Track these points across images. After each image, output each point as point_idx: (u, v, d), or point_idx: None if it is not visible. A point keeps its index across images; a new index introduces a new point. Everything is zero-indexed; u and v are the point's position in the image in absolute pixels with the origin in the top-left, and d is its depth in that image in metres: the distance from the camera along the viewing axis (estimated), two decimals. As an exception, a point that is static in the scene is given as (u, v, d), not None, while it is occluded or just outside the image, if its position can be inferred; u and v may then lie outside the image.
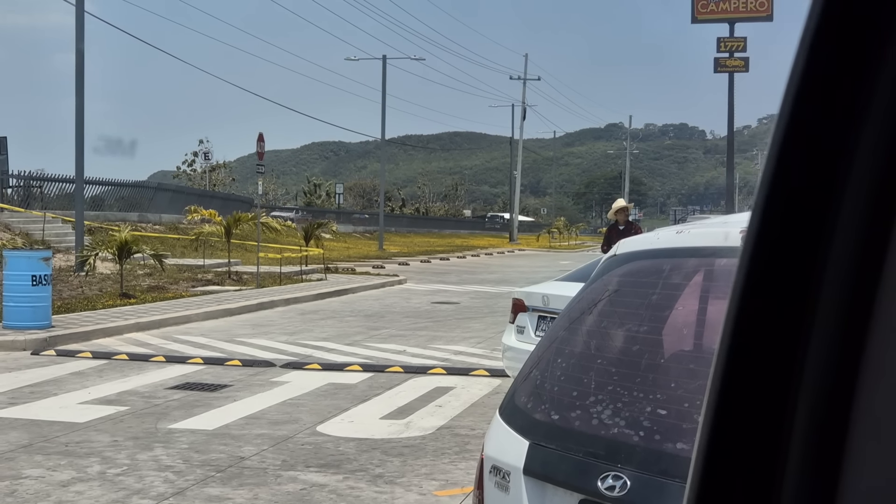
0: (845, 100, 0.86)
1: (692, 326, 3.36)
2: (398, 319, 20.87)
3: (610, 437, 3.05)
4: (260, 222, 29.32)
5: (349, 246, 52.13)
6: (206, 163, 73.96)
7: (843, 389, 0.86)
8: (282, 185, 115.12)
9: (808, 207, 0.88)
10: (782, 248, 0.90)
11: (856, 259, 0.86)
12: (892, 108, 0.84)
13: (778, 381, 0.90)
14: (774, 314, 0.90)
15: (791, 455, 0.89)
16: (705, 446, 0.94)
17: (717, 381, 0.93)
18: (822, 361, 0.87)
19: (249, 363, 14.30)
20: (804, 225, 0.88)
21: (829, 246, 0.87)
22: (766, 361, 0.90)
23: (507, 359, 10.51)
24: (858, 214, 0.86)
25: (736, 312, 0.92)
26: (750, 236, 0.92)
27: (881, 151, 0.85)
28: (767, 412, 0.90)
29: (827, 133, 0.87)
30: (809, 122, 0.88)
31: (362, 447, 9.25)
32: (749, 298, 0.92)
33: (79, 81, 26.08)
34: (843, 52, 0.85)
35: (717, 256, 3.30)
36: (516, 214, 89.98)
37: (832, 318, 0.87)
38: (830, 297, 0.87)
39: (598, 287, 3.62)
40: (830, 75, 0.86)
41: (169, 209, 43.63)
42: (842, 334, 0.87)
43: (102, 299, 21.47)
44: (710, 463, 0.94)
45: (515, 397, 3.55)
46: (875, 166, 0.85)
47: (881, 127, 0.85)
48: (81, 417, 10.33)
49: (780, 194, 0.90)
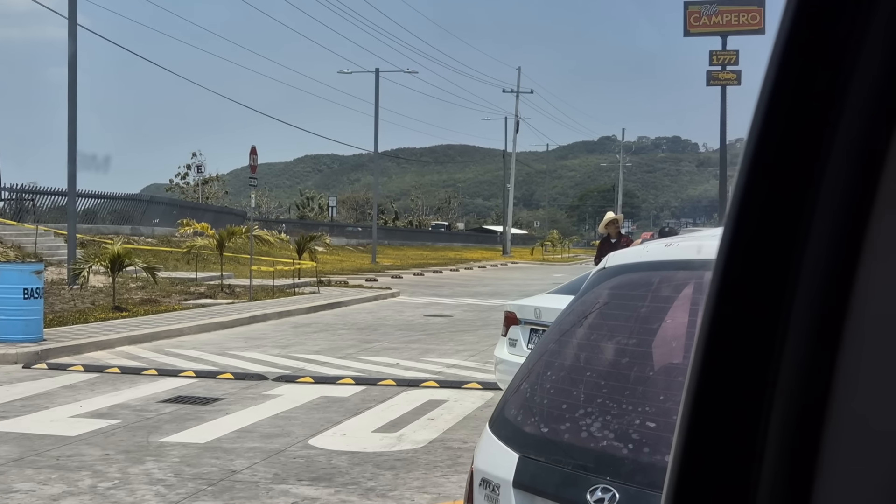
0: (817, 104, 0.86)
1: (681, 339, 3.37)
2: (391, 332, 20.86)
3: (599, 449, 3.05)
4: (253, 235, 29.30)
5: (342, 259, 52.12)
6: (198, 176, 73.87)
7: (817, 395, 0.87)
8: (275, 198, 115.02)
9: (780, 214, 0.89)
10: (755, 255, 0.90)
11: (829, 265, 0.87)
12: (865, 111, 0.85)
13: (752, 387, 0.90)
14: (747, 321, 0.91)
15: (765, 462, 0.89)
16: (680, 454, 0.95)
17: (691, 388, 0.94)
18: (795, 368, 0.88)
19: (242, 376, 14.28)
20: (777, 232, 0.89)
21: (802, 252, 0.88)
22: (740, 368, 0.91)
23: (500, 372, 10.50)
24: (832, 220, 0.87)
25: (710, 320, 0.93)
26: (724, 244, 0.93)
27: (854, 156, 0.85)
28: (742, 418, 0.91)
29: (799, 139, 0.88)
30: (781, 132, 0.88)
31: (354, 460, 9.24)
32: (722, 306, 0.92)
33: (71, 95, 26.06)
34: (815, 56, 0.86)
35: (706, 269, 3.30)
36: (509, 227, 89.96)
37: (805, 324, 0.88)
38: (804, 304, 0.88)
39: (588, 300, 3.63)
40: (801, 83, 0.87)
41: (162, 222, 43.55)
42: (815, 340, 0.87)
43: (95, 312, 21.44)
44: (686, 471, 0.95)
45: (505, 410, 3.55)
46: (848, 171, 0.86)
47: (855, 132, 0.85)
48: (73, 431, 10.31)
49: (753, 201, 0.90)
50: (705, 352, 0.93)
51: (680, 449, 0.95)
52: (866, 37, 0.84)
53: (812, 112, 0.87)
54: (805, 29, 0.86)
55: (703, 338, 0.93)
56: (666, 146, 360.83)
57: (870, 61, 0.84)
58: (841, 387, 0.85)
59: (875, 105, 0.84)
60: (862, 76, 0.84)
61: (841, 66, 0.85)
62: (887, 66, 0.83)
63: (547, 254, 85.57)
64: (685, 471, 0.95)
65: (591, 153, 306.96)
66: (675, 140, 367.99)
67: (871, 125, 0.84)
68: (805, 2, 0.86)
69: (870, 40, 0.84)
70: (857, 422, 0.84)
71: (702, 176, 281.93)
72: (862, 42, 0.84)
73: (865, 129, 0.85)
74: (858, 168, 0.85)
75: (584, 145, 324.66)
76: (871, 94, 0.84)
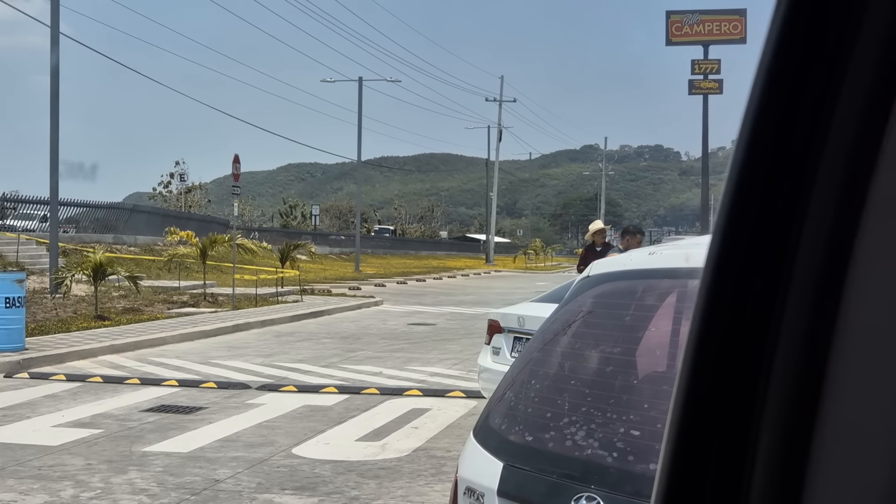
0: (806, 111, 0.87)
1: (666, 347, 3.37)
2: (374, 341, 20.84)
3: (584, 458, 3.05)
4: (236, 244, 29.25)
5: (325, 267, 52.03)
6: (181, 184, 73.79)
7: (808, 404, 0.87)
8: (258, 206, 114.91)
9: (770, 221, 0.89)
10: (745, 263, 0.91)
11: (819, 273, 0.87)
12: (855, 118, 0.85)
13: (741, 395, 0.90)
14: (737, 329, 0.91)
15: (756, 470, 0.90)
16: (669, 463, 0.95)
17: (680, 397, 0.94)
18: (785, 376, 0.88)
19: (225, 385, 14.24)
20: (766, 239, 0.89)
21: (792, 259, 0.88)
22: (729, 376, 0.91)
23: (483, 380, 10.50)
24: (822, 227, 0.87)
25: (698, 328, 0.93)
26: (712, 252, 0.93)
27: (844, 163, 0.86)
28: (731, 427, 0.91)
29: (789, 146, 0.88)
30: (770, 140, 0.89)
31: (338, 469, 9.22)
32: (711, 314, 0.92)
33: (54, 103, 25.99)
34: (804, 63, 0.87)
35: (690, 277, 3.31)
36: (492, 236, 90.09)
37: (796, 331, 0.88)
38: (794, 312, 0.88)
39: (572, 308, 3.63)
40: (791, 90, 0.87)
41: (144, 231, 43.43)
42: (805, 348, 0.87)
43: (77, 321, 21.36)
44: (674, 480, 0.95)
45: (489, 419, 3.55)
46: (839, 178, 0.86)
47: (845, 139, 0.86)
48: (55, 440, 10.26)
49: (742, 209, 0.91)
50: (694, 360, 0.93)
51: (668, 458, 0.95)
52: (856, 43, 0.84)
53: (802, 119, 0.87)
54: (794, 35, 0.87)
55: (692, 346, 0.93)
56: (648, 155, 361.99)
57: (860, 68, 0.85)
58: (831, 395, 0.86)
59: (865, 112, 0.85)
60: (852, 82, 0.85)
61: (831, 73, 0.86)
62: (878, 73, 0.84)
63: (530, 262, 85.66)
64: (674, 480, 0.95)
65: (574, 162, 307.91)
66: (657, 149, 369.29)
67: (861, 132, 0.85)
68: (794, 9, 0.86)
69: (860, 47, 0.84)
70: (848, 430, 0.84)
71: (684, 184, 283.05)
72: (852, 49, 0.84)
73: (855, 136, 0.85)
74: (849, 175, 0.86)
75: (567, 154, 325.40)
76: (862, 100, 0.85)
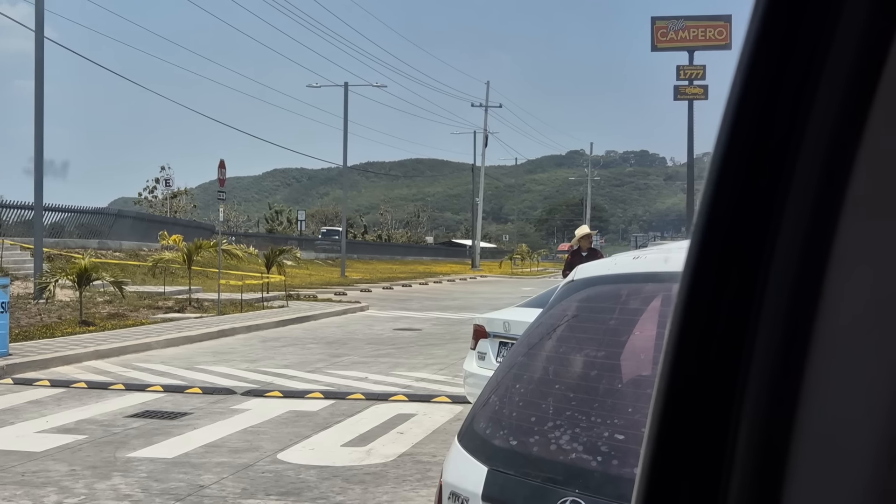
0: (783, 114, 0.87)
1: (650, 351, 3.38)
2: (360, 346, 20.82)
3: (568, 462, 3.05)
4: (221, 249, 29.19)
5: (311, 273, 51.99)
6: (167, 189, 73.56)
7: (786, 406, 0.87)
8: (244, 211, 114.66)
9: (747, 224, 0.89)
10: (723, 266, 0.91)
11: (796, 276, 0.87)
12: (831, 120, 0.85)
13: (720, 399, 0.91)
14: (715, 333, 0.91)
15: (734, 472, 0.90)
16: (648, 466, 0.95)
17: (659, 400, 0.94)
18: (764, 379, 0.88)
19: (210, 391, 14.20)
20: (744, 242, 0.89)
21: (769, 263, 0.88)
22: (708, 380, 0.91)
23: (469, 385, 10.50)
24: (799, 230, 0.87)
25: (677, 332, 0.93)
26: (690, 256, 0.93)
27: (820, 165, 0.86)
28: (710, 430, 0.91)
29: (766, 149, 0.88)
30: (747, 143, 0.89)
31: (323, 475, 9.20)
32: (689, 318, 0.92)
33: (38, 108, 25.89)
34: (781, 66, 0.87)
35: (674, 281, 3.31)
36: (478, 241, 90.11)
37: (773, 334, 0.88)
38: (771, 315, 0.88)
39: (557, 312, 3.63)
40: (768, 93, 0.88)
41: (129, 236, 43.31)
42: (783, 351, 0.87)
43: (61, 327, 21.28)
44: (654, 483, 0.95)
45: (474, 423, 3.55)
46: (815, 180, 0.86)
47: (821, 142, 0.86)
48: (38, 446, 10.21)
49: (720, 212, 0.91)
50: (672, 363, 0.93)
51: (647, 460, 0.95)
52: (832, 46, 0.85)
53: (778, 121, 0.87)
54: (771, 39, 0.87)
55: (671, 348, 0.93)
56: (634, 160, 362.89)
57: (835, 71, 0.85)
58: (809, 397, 0.86)
59: (841, 114, 0.85)
60: (828, 85, 0.85)
61: (807, 76, 0.86)
62: (853, 76, 0.84)
63: (516, 267, 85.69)
64: (653, 483, 0.95)
65: (560, 167, 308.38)
66: (643, 154, 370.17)
67: (837, 134, 0.85)
68: (771, 13, 0.87)
69: (835, 50, 0.84)
70: (825, 432, 0.85)
71: (670, 189, 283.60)
72: (828, 51, 0.85)
73: (831, 138, 0.86)
74: (825, 176, 0.86)
75: (553, 159, 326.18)
76: (838, 103, 0.85)
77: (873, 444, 0.82)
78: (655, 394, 0.94)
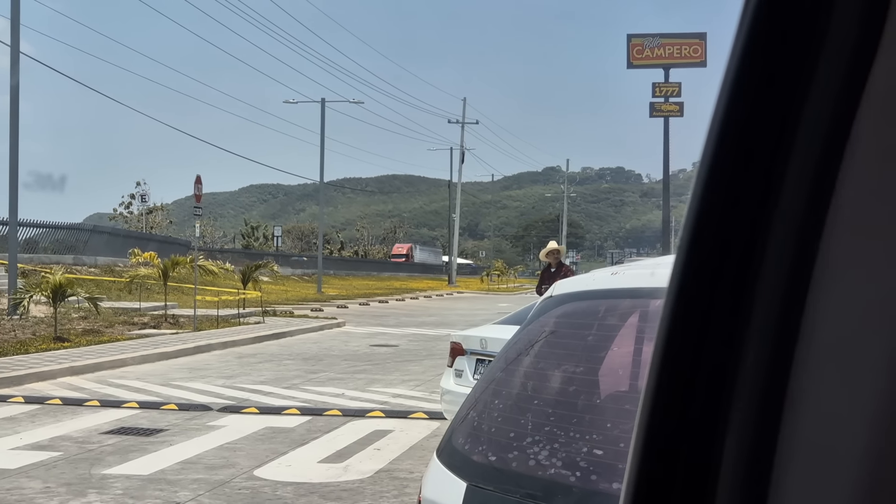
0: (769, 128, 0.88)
1: (628, 367, 3.39)
2: (337, 363, 20.77)
3: (547, 477, 3.05)
4: (197, 265, 29.09)
5: (287, 289, 51.87)
6: (143, 205, 73.34)
7: (771, 420, 0.88)
8: (220, 227, 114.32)
9: (733, 238, 0.90)
10: (709, 279, 0.92)
11: (782, 289, 0.88)
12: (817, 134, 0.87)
13: (706, 413, 0.91)
14: (701, 347, 0.92)
15: (719, 488, 0.91)
16: (633, 481, 0.96)
17: (645, 415, 0.95)
18: (750, 393, 0.89)
19: (186, 407, 14.14)
20: (730, 256, 0.90)
21: (755, 276, 0.89)
22: (694, 393, 0.92)
23: (446, 402, 10.49)
24: (785, 243, 0.88)
25: (663, 345, 0.94)
26: (676, 269, 0.94)
27: (806, 179, 0.87)
28: (696, 444, 0.92)
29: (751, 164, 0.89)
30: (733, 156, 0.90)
31: (300, 491, 9.17)
32: (675, 331, 0.93)
33: (13, 123, 25.79)
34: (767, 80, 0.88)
35: (652, 297, 3.33)
36: (455, 257, 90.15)
37: (760, 348, 0.89)
38: (757, 328, 0.89)
39: (535, 328, 3.64)
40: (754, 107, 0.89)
41: (105, 252, 43.11)
42: (769, 365, 0.88)
43: (36, 343, 21.15)
44: (640, 496, 0.95)
45: (453, 439, 3.55)
46: (801, 194, 0.88)
47: (807, 156, 0.87)
48: (12, 463, 10.14)
49: (707, 226, 0.92)
50: (659, 377, 0.94)
51: (633, 475, 0.96)
52: (818, 60, 0.86)
53: (765, 135, 0.89)
54: (756, 53, 0.88)
55: (657, 363, 0.94)
56: (610, 177, 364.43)
57: (822, 85, 0.86)
58: (796, 411, 0.87)
59: (827, 128, 0.86)
60: (814, 100, 0.86)
61: (794, 89, 0.87)
62: (838, 90, 0.86)
63: (492, 283, 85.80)
64: (639, 498, 0.96)
65: (536, 183, 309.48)
66: (618, 171, 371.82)
67: (823, 149, 0.87)
68: (756, 27, 0.88)
69: (822, 63, 0.86)
70: (812, 443, 0.86)
71: (645, 206, 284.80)
72: (815, 66, 0.86)
73: (818, 152, 0.87)
74: (811, 190, 0.87)
75: (529, 175, 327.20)
76: (824, 117, 0.86)
77: (861, 449, 0.83)
78: (640, 409, 0.95)
